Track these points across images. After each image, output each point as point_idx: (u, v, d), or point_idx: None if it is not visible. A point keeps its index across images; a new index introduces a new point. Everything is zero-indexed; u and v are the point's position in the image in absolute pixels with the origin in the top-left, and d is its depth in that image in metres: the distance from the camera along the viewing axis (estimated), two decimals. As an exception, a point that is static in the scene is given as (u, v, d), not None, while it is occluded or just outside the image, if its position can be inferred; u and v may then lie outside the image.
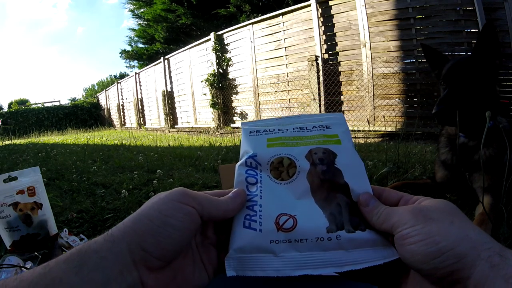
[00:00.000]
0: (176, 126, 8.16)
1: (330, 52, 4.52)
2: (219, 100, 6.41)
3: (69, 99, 25.56)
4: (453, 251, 0.23)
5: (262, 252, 0.29)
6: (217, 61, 6.26)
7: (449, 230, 0.25)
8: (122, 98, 12.05)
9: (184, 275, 0.28)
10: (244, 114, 6.13)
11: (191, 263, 0.29)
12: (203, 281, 0.29)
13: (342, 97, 4.47)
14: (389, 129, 3.92)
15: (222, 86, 6.33)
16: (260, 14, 6.34)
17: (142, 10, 11.92)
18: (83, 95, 28.12)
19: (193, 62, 7.14)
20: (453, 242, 0.24)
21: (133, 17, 12.48)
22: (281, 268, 0.28)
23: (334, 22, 4.42)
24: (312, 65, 4.50)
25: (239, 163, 0.36)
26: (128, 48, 13.73)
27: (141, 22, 12.35)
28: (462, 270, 0.23)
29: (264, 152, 0.36)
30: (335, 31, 4.43)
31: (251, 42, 5.63)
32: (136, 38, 13.14)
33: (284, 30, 5.11)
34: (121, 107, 12.14)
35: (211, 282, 0.30)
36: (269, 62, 5.43)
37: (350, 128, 4.30)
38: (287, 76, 5.15)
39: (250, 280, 0.29)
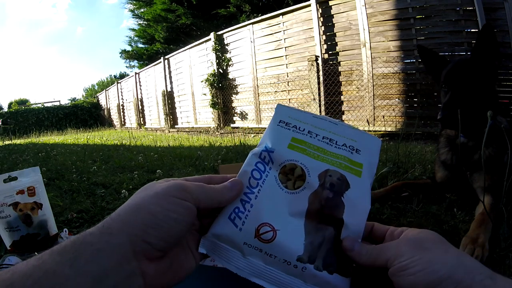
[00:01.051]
0: (176, 126, 8.16)
1: (330, 52, 4.52)
2: (219, 100, 6.41)
3: (69, 99, 25.58)
4: (451, 278, 0.25)
5: (234, 247, 0.31)
6: (217, 61, 6.26)
7: (445, 258, 0.26)
8: (122, 98, 12.05)
9: (178, 261, 0.30)
10: (244, 114, 6.13)
11: (183, 250, 0.31)
12: (192, 265, 0.31)
13: (342, 97, 4.47)
14: (389, 129, 3.92)
15: (222, 86, 6.33)
16: (260, 14, 6.34)
17: (142, 10, 11.91)
18: (83, 95, 28.14)
19: (193, 62, 7.14)
20: (451, 270, 0.25)
21: (133, 17, 12.49)
22: (242, 268, 0.30)
23: (334, 22, 4.42)
24: (312, 65, 4.50)
25: (254, 150, 0.35)
26: (128, 48, 13.74)
27: (141, 22, 12.35)
28: None
29: (282, 151, 0.34)
30: (335, 31, 4.43)
31: (251, 42, 5.62)
32: (136, 38, 13.14)
33: (284, 30, 5.11)
34: (121, 107, 12.13)
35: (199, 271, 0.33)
36: (269, 62, 5.43)
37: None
38: (287, 76, 5.15)
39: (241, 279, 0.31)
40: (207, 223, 0.33)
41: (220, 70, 6.32)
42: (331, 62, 4.50)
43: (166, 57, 8.13)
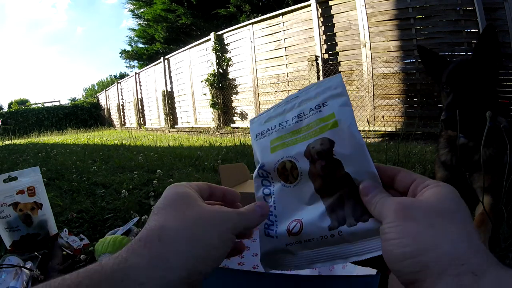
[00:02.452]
0: (176, 126, 8.15)
1: (330, 52, 4.52)
2: (219, 100, 6.41)
3: (69, 99, 25.56)
4: (417, 259, 0.21)
5: (283, 253, 0.34)
6: (217, 61, 6.26)
7: (421, 234, 0.22)
8: (122, 98, 12.05)
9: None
10: (244, 114, 6.13)
11: None
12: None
13: (342, 97, 4.46)
14: (389, 129, 3.92)
15: (222, 86, 6.33)
16: (260, 14, 6.34)
17: (142, 10, 11.91)
18: (83, 95, 28.13)
19: (193, 62, 7.14)
20: (420, 250, 0.22)
21: (133, 17, 12.49)
22: (300, 264, 0.33)
23: (334, 22, 4.42)
24: (312, 65, 4.50)
25: (254, 173, 0.38)
26: (128, 48, 13.74)
27: (141, 22, 12.35)
28: (423, 281, 0.21)
29: (269, 159, 0.36)
30: (335, 31, 4.43)
31: (251, 42, 5.62)
32: (136, 38, 13.14)
33: (284, 30, 5.11)
34: (121, 107, 12.13)
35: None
36: (269, 62, 5.43)
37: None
38: (287, 76, 5.15)
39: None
40: None
41: (220, 70, 6.32)
42: (331, 62, 4.50)
43: (166, 57, 8.12)
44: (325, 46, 4.54)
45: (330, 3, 4.40)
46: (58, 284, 0.20)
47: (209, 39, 6.39)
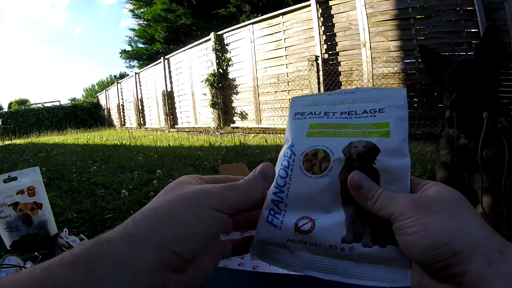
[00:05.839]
0: (176, 126, 8.15)
1: (330, 52, 4.52)
2: (219, 100, 6.40)
3: (69, 99, 25.58)
4: (447, 246, 0.23)
5: (280, 247, 0.30)
6: (217, 61, 6.26)
7: (447, 223, 0.24)
8: (122, 98, 12.05)
9: (204, 269, 0.28)
10: (244, 114, 6.13)
11: (205, 257, 0.28)
12: (210, 270, 0.29)
13: (342, 97, 4.47)
14: (389, 129, 3.92)
15: (222, 86, 6.33)
16: (260, 14, 6.34)
17: (142, 10, 11.91)
18: (83, 95, 28.14)
19: (193, 62, 7.13)
20: (449, 237, 0.23)
21: (133, 17, 12.49)
22: (293, 264, 0.30)
23: (334, 22, 4.42)
24: (312, 65, 4.50)
25: (282, 151, 0.35)
26: (128, 48, 13.74)
27: (141, 22, 12.35)
28: (456, 265, 0.22)
29: (302, 142, 0.33)
30: (335, 31, 4.43)
31: (251, 42, 5.62)
32: (136, 38, 13.14)
33: (284, 30, 5.11)
34: (121, 107, 12.13)
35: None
36: (269, 62, 5.42)
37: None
38: (287, 76, 5.15)
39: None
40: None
41: (220, 70, 6.32)
42: (331, 62, 4.50)
43: (166, 57, 8.12)
44: (325, 46, 4.54)
45: (330, 3, 4.40)
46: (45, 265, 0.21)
47: (209, 39, 6.39)
